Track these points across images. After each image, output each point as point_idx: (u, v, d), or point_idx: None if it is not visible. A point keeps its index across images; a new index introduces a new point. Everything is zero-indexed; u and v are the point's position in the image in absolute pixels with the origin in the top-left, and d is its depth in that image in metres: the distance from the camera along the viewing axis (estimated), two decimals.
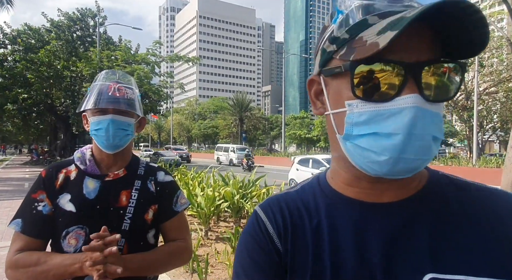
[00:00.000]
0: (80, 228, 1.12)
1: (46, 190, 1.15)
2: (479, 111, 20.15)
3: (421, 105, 0.46)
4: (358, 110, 0.49)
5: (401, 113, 0.46)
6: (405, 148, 0.46)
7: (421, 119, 0.46)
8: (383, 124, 0.47)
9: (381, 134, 0.48)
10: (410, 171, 0.49)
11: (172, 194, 1.29)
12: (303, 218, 0.60)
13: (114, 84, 1.20)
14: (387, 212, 0.54)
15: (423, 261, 0.50)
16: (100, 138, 1.17)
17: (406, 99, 0.46)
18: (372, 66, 0.47)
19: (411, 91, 0.46)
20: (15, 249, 1.09)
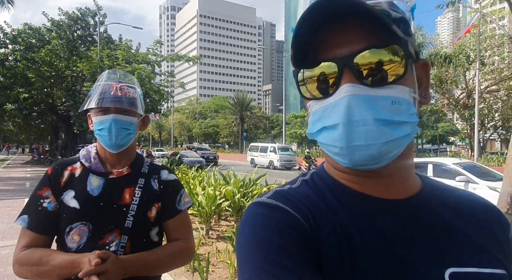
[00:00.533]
0: (83, 224, 1.13)
1: (51, 187, 1.17)
2: (480, 109, 20.10)
3: (356, 92, 0.48)
4: (313, 109, 0.54)
5: (339, 104, 0.49)
6: (350, 136, 0.48)
7: (356, 105, 0.48)
8: (328, 118, 0.51)
9: (328, 127, 0.51)
10: (374, 158, 0.49)
11: (176, 193, 1.30)
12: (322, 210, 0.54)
13: (116, 84, 1.21)
14: (398, 208, 0.55)
15: (442, 257, 0.52)
16: (103, 138, 1.19)
17: (341, 90, 0.49)
18: (311, 69, 0.53)
19: (345, 82, 0.49)
20: (22, 245, 1.11)
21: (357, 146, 0.48)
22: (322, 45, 0.51)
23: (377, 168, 0.52)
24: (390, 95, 0.49)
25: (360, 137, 0.48)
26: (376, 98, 0.49)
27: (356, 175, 0.56)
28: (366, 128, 0.48)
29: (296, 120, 54.70)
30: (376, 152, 0.49)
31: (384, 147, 0.49)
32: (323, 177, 0.62)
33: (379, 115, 0.48)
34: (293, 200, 0.55)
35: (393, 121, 0.49)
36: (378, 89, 0.49)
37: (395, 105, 0.49)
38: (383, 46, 0.49)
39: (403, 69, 0.50)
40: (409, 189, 0.57)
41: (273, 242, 0.48)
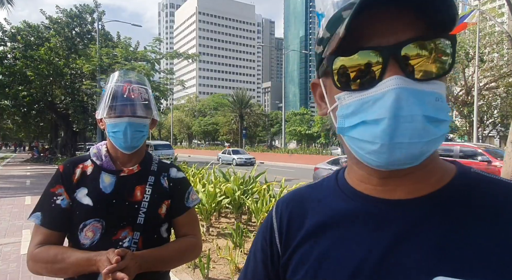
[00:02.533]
0: (97, 221, 1.16)
1: (64, 184, 1.19)
2: (479, 106, 20.12)
3: (404, 85, 0.45)
4: (346, 102, 0.50)
5: (384, 97, 0.45)
6: (394, 132, 0.44)
7: (406, 100, 0.44)
8: (369, 111, 0.47)
9: (368, 121, 0.47)
10: (412, 158, 0.47)
11: (184, 190, 1.33)
12: (312, 213, 0.61)
13: (128, 85, 1.21)
14: (400, 209, 0.52)
15: (432, 262, 0.48)
16: (118, 140, 1.21)
17: (387, 82, 0.45)
18: (350, 57, 0.48)
19: (392, 74, 0.45)
20: (36, 242, 1.13)
21: (399, 144, 0.45)
22: (363, 32, 0.47)
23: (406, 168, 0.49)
24: (434, 91, 0.47)
25: (405, 134, 0.44)
26: (423, 93, 0.45)
27: (371, 175, 0.55)
28: (412, 125, 0.44)
29: (296, 118, 54.68)
30: (418, 151, 0.46)
31: (426, 146, 0.46)
32: (339, 177, 0.64)
33: (427, 111, 0.45)
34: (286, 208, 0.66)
35: (437, 119, 0.46)
36: (424, 83, 0.46)
37: (439, 102, 0.47)
38: (430, 38, 0.46)
39: (449, 65, 0.48)
40: (426, 187, 0.53)
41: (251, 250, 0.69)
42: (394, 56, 0.46)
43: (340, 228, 0.56)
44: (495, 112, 24.18)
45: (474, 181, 0.53)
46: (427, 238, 0.50)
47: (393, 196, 0.53)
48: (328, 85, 0.55)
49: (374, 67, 0.47)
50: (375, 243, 0.52)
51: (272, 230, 0.65)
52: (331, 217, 0.58)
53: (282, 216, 0.65)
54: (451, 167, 0.56)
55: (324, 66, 0.53)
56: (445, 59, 0.47)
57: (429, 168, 0.53)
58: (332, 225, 0.57)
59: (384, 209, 0.54)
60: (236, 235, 4.52)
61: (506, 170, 4.33)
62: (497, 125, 26.10)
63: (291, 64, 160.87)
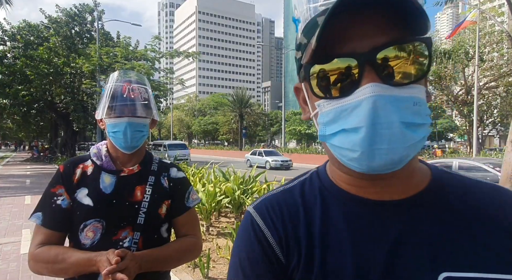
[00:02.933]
0: (97, 221, 1.16)
1: (64, 184, 1.19)
2: (479, 105, 20.12)
3: (381, 92, 0.44)
4: (325, 109, 0.50)
5: (361, 105, 0.45)
6: (373, 139, 0.44)
7: (383, 107, 0.44)
8: (348, 119, 0.46)
9: (348, 130, 0.47)
10: (394, 163, 0.47)
11: (185, 190, 1.33)
12: (306, 220, 0.57)
13: (127, 84, 1.21)
14: (393, 210, 0.53)
15: (435, 260, 0.49)
16: (118, 140, 1.21)
17: (363, 90, 0.45)
18: (325, 65, 0.48)
19: (368, 81, 0.45)
20: (37, 242, 1.13)
21: (379, 150, 0.45)
22: (339, 37, 0.46)
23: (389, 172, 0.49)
24: (412, 96, 0.46)
25: (383, 140, 0.44)
26: (400, 99, 0.45)
27: (357, 178, 0.54)
28: (390, 131, 0.44)
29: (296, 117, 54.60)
30: (397, 157, 0.46)
31: (406, 151, 0.46)
32: (322, 178, 0.61)
33: (404, 117, 0.45)
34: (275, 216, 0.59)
35: (415, 123, 0.46)
36: (401, 88, 0.46)
37: (416, 106, 0.46)
38: (407, 41, 0.46)
39: (426, 68, 0.47)
40: (412, 188, 0.54)
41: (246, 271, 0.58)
42: (369, 62, 0.45)
43: (341, 234, 0.55)
44: (495, 112, 24.18)
45: (448, 179, 0.57)
46: (426, 237, 0.50)
47: (384, 198, 0.54)
48: (309, 90, 0.55)
49: (351, 74, 0.46)
50: (378, 246, 0.52)
51: (269, 244, 0.57)
52: (328, 223, 0.56)
53: (276, 226, 0.58)
54: (424, 167, 0.58)
55: (302, 72, 0.53)
56: (422, 61, 0.47)
57: (412, 169, 0.54)
58: (331, 231, 0.55)
59: (380, 211, 0.54)
60: (235, 235, 4.52)
61: (506, 169, 4.33)
62: (497, 124, 26.11)
63: (291, 64, 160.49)
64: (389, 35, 0.46)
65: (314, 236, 0.56)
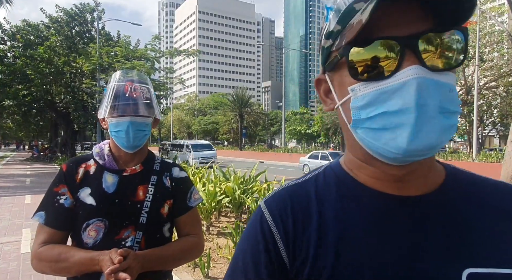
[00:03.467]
0: (100, 220, 1.16)
1: (67, 184, 1.19)
2: (479, 105, 20.14)
3: (424, 75, 0.45)
4: (361, 93, 0.49)
5: (405, 87, 0.45)
6: (416, 121, 0.44)
7: (426, 89, 0.44)
8: (389, 102, 0.46)
9: (390, 112, 0.46)
10: (430, 148, 0.46)
11: (187, 190, 1.33)
12: (319, 216, 0.56)
13: (129, 84, 1.21)
14: (413, 206, 0.53)
15: (459, 257, 0.49)
16: (121, 140, 1.21)
17: (407, 71, 0.45)
18: (366, 47, 0.47)
19: (411, 63, 0.45)
20: (40, 241, 1.14)
21: (420, 132, 0.45)
22: (378, 23, 0.47)
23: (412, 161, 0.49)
24: (448, 82, 0.47)
25: (425, 123, 0.44)
26: (443, 85, 0.46)
27: (380, 170, 0.54)
28: (432, 115, 0.44)
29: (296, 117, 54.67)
30: (435, 142, 0.46)
31: (441, 137, 0.46)
32: (337, 172, 0.61)
33: (445, 103, 0.45)
34: (285, 212, 0.58)
35: (450, 110, 0.46)
36: (439, 74, 0.46)
37: (452, 93, 0.47)
38: (444, 30, 0.47)
39: (462, 57, 0.48)
40: (429, 184, 0.54)
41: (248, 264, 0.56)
42: (411, 46, 0.46)
43: (357, 230, 0.53)
44: (495, 112, 24.19)
45: (461, 176, 0.58)
46: (447, 233, 0.51)
47: (404, 193, 0.53)
48: (336, 79, 0.54)
49: (390, 57, 0.46)
50: (399, 243, 0.51)
51: (274, 240, 0.56)
52: (344, 219, 0.55)
53: (284, 222, 0.57)
54: (439, 165, 0.59)
55: (337, 57, 0.51)
56: (457, 51, 0.48)
57: (431, 164, 0.55)
58: (347, 227, 0.54)
59: (401, 207, 0.53)
60: (236, 234, 4.53)
61: (506, 169, 4.34)
62: (497, 124, 26.13)
63: (291, 63, 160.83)
64: (427, 24, 0.47)
65: (327, 232, 0.54)
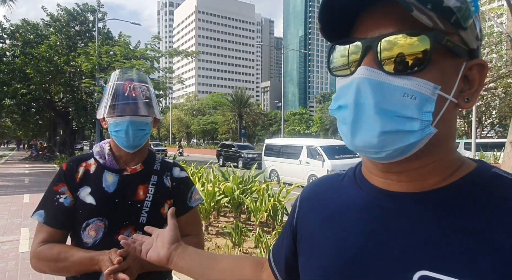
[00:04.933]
0: (99, 220, 1.16)
1: (67, 182, 1.19)
2: (478, 106, 20.18)
3: (369, 76, 0.48)
4: (337, 85, 0.55)
5: (351, 85, 0.49)
6: (354, 117, 0.49)
7: (364, 90, 0.48)
8: (343, 97, 0.52)
9: (342, 105, 0.52)
10: (371, 147, 0.49)
11: (187, 190, 1.33)
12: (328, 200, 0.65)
13: (129, 83, 1.20)
14: (395, 201, 0.53)
15: (417, 257, 0.48)
16: (120, 139, 1.21)
17: (358, 71, 0.49)
18: (340, 46, 0.54)
19: (364, 64, 0.49)
20: (39, 240, 1.14)
21: (357, 130, 0.49)
22: (359, 26, 0.52)
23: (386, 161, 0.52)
24: (403, 86, 0.47)
25: (361, 120, 0.48)
26: (386, 86, 0.47)
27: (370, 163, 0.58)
28: (368, 113, 0.48)
29: (295, 117, 54.74)
30: (375, 141, 0.48)
31: (383, 137, 0.47)
32: (357, 168, 0.66)
33: (383, 104, 0.47)
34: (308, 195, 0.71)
35: (397, 113, 0.47)
36: (394, 77, 0.47)
37: (406, 97, 0.47)
38: (412, 34, 0.47)
39: (425, 62, 0.47)
40: (432, 183, 0.52)
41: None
42: (371, 47, 0.49)
43: (342, 216, 0.60)
44: (494, 113, 24.24)
45: (487, 181, 0.51)
46: (418, 233, 0.50)
47: (394, 189, 0.55)
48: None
49: (356, 56, 0.51)
50: (365, 234, 0.54)
51: (294, 212, 0.72)
52: (339, 207, 0.61)
53: (302, 201, 0.71)
54: (471, 165, 0.54)
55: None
56: (421, 55, 0.47)
57: (438, 165, 0.52)
58: (337, 213, 0.61)
59: (384, 200, 0.55)
60: (235, 234, 4.53)
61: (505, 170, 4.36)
62: (495, 125, 26.18)
63: (290, 64, 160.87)
64: (396, 27, 0.48)
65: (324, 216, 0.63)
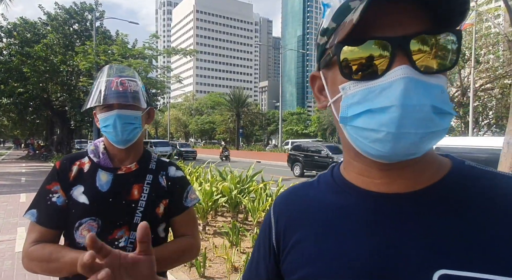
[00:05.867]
0: (92, 220, 1.13)
1: (60, 181, 1.16)
2: (475, 107, 20.25)
3: (412, 75, 0.45)
4: (351, 91, 0.49)
5: (392, 86, 0.45)
6: (401, 120, 0.44)
7: (414, 89, 0.45)
8: (376, 100, 0.46)
9: (374, 110, 0.46)
10: (416, 148, 0.47)
11: (183, 190, 1.30)
12: (309, 210, 0.61)
13: (116, 79, 1.18)
14: (397, 203, 0.52)
15: (433, 257, 0.47)
16: (110, 134, 1.18)
17: (396, 71, 0.45)
18: (358, 46, 0.48)
19: (400, 64, 0.46)
20: (31, 240, 1.11)
21: (406, 134, 0.45)
22: (371, 23, 0.47)
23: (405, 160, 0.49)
24: (439, 84, 0.47)
25: (412, 123, 0.44)
26: (433, 86, 0.46)
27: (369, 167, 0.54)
28: (419, 115, 0.44)
29: (292, 117, 54.75)
30: (421, 142, 0.46)
31: (429, 138, 0.46)
32: (335, 171, 0.64)
33: (435, 101, 0.45)
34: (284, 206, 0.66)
35: (444, 110, 0.46)
36: (430, 76, 0.47)
37: (444, 94, 0.47)
38: (438, 32, 0.47)
39: (454, 60, 0.48)
40: (424, 181, 0.53)
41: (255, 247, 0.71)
42: (402, 47, 0.46)
43: (339, 225, 0.56)
44: (490, 113, 24.34)
45: (469, 174, 0.54)
46: (428, 232, 0.49)
47: (391, 190, 0.53)
48: (329, 76, 0.55)
49: (382, 57, 0.47)
50: (375, 240, 0.52)
51: (270, 229, 0.66)
52: (329, 215, 0.58)
53: (279, 215, 0.65)
54: (446, 160, 0.57)
55: (330, 55, 0.52)
56: (450, 54, 0.48)
57: (426, 161, 0.53)
58: (329, 222, 0.57)
59: (383, 204, 0.53)
60: (232, 234, 4.53)
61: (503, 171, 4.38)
62: (492, 126, 26.29)
63: (288, 64, 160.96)
64: (420, 25, 0.47)
65: (312, 227, 0.58)
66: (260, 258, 0.67)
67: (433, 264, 0.47)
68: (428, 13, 0.47)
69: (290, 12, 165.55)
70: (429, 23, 0.48)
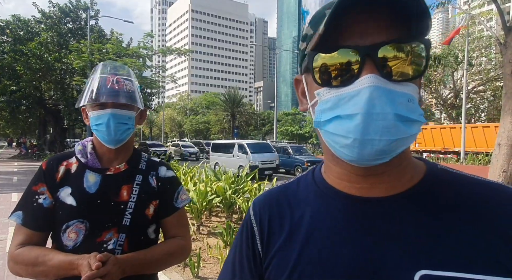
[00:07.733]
0: (80, 222, 1.10)
1: (46, 182, 1.13)
2: (467, 109, 20.48)
3: (379, 84, 0.46)
4: (325, 97, 0.52)
5: (359, 94, 0.47)
6: (366, 128, 0.46)
7: (379, 98, 0.46)
8: (344, 107, 0.48)
9: (343, 116, 0.49)
10: (382, 154, 0.48)
11: (173, 190, 1.27)
12: (292, 214, 0.62)
13: (112, 76, 1.15)
14: (377, 207, 0.54)
15: (414, 258, 0.49)
16: (101, 133, 1.15)
17: (363, 80, 0.47)
18: (329, 54, 0.50)
19: (367, 72, 0.47)
20: (17, 242, 1.08)
21: (371, 140, 0.47)
22: (344, 32, 0.49)
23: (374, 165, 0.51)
24: (407, 92, 0.48)
25: (377, 131, 0.46)
26: (396, 93, 0.47)
27: (348, 171, 0.56)
28: (384, 123, 0.46)
29: (287, 118, 54.80)
30: (387, 148, 0.48)
31: (394, 144, 0.48)
32: (316, 174, 0.65)
33: (399, 110, 0.47)
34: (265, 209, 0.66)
35: (409, 118, 0.48)
36: (398, 84, 0.48)
37: (411, 103, 0.48)
38: (406, 41, 0.48)
39: (422, 68, 0.49)
40: (400, 185, 0.55)
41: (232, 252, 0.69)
42: (370, 56, 0.47)
43: (322, 229, 0.57)
44: (483, 115, 24.63)
45: (443, 177, 0.56)
46: (408, 234, 0.51)
47: (371, 194, 0.55)
48: (309, 81, 0.57)
49: (351, 65, 0.49)
50: (358, 243, 0.53)
51: (253, 234, 0.65)
52: (312, 218, 0.59)
53: (262, 219, 0.65)
54: (420, 163, 0.59)
55: (305, 62, 0.55)
56: (419, 62, 0.49)
57: (403, 165, 0.55)
58: (313, 226, 0.58)
59: (364, 208, 0.55)
60: (226, 234, 4.53)
61: (494, 172, 4.43)
62: None
63: (283, 64, 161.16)
64: (390, 34, 0.48)
65: (296, 231, 0.59)
66: (242, 265, 0.65)
67: (414, 265, 0.49)
68: (398, 22, 0.48)
69: (285, 12, 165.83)
70: (399, 32, 0.49)
